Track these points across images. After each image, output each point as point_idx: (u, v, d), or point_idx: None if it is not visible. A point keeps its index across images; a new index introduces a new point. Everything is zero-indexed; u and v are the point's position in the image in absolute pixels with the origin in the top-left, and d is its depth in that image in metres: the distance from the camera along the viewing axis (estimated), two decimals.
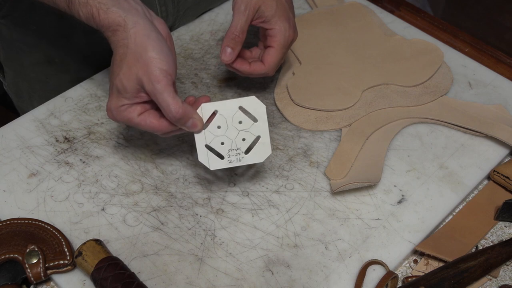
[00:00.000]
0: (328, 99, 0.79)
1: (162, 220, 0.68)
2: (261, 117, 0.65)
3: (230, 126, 0.64)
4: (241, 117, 0.64)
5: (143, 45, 0.60)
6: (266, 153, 0.65)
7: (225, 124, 0.64)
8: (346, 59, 0.85)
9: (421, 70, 0.83)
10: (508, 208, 0.68)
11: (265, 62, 0.73)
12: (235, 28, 0.70)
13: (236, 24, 0.71)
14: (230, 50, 0.71)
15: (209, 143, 0.64)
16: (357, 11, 0.93)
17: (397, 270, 0.66)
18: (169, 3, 0.89)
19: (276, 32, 0.72)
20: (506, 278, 0.65)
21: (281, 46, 0.73)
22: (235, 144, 0.64)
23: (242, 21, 0.70)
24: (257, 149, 0.65)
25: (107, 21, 0.61)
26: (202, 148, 0.64)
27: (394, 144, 0.76)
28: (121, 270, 0.60)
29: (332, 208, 0.69)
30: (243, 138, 0.65)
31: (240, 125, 0.65)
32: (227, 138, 0.64)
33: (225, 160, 0.64)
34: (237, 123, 0.65)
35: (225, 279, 0.63)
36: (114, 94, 0.63)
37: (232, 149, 0.64)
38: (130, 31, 0.60)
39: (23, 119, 0.78)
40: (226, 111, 0.64)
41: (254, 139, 0.65)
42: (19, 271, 0.62)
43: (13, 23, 0.85)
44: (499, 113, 0.79)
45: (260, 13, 0.71)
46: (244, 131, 0.65)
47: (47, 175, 0.72)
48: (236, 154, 0.64)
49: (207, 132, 0.64)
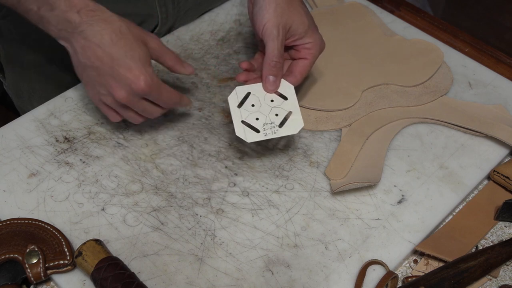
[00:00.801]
0: (328, 99, 0.79)
1: (162, 220, 0.68)
2: (291, 94, 0.70)
3: (263, 104, 0.69)
4: (272, 96, 0.70)
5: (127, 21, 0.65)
6: (299, 126, 0.69)
7: (258, 103, 0.69)
8: (346, 59, 0.85)
9: (421, 70, 0.83)
10: (508, 208, 0.68)
11: (297, 74, 0.71)
12: (273, 55, 0.68)
13: (273, 50, 0.68)
14: (273, 78, 0.69)
15: (244, 119, 0.68)
16: (357, 11, 0.93)
17: (397, 270, 0.66)
18: (169, 4, 0.89)
19: (312, 45, 0.70)
20: (506, 278, 0.65)
21: (315, 58, 0.72)
22: (269, 119, 0.69)
23: (278, 46, 0.68)
24: (289, 123, 0.69)
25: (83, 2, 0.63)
26: (238, 124, 0.68)
27: (394, 144, 0.76)
28: (121, 270, 0.60)
29: (332, 208, 0.69)
30: (276, 114, 0.69)
31: (272, 103, 0.69)
32: (261, 114, 0.69)
33: (261, 133, 0.68)
34: (269, 101, 0.69)
35: (225, 279, 0.63)
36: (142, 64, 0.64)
37: (266, 123, 0.68)
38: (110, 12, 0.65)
39: (23, 119, 0.78)
40: (259, 92, 0.70)
41: (286, 114, 0.69)
42: (19, 271, 0.62)
43: (13, 23, 0.85)
44: (499, 113, 0.79)
45: (293, 32, 0.69)
46: (276, 107, 0.69)
47: (47, 175, 0.72)
48: (271, 128, 0.68)
49: (242, 109, 0.69)
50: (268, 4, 0.68)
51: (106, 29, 0.63)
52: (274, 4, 0.68)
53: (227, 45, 0.89)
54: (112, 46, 0.63)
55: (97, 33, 0.63)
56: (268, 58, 0.68)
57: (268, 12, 0.67)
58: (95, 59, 0.64)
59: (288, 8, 0.68)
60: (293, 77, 0.71)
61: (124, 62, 0.63)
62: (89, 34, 0.63)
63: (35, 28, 0.67)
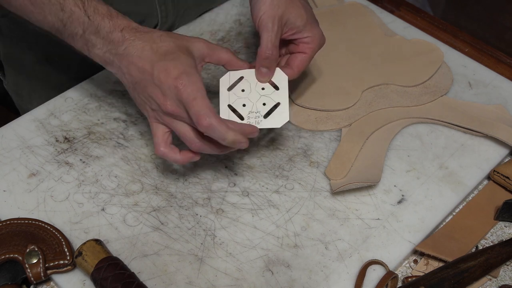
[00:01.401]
0: (328, 99, 0.79)
1: (162, 220, 0.68)
2: (283, 86, 0.68)
3: (253, 90, 0.68)
4: (264, 84, 0.68)
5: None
6: (283, 120, 0.67)
7: (249, 88, 0.68)
8: (346, 59, 0.85)
9: (421, 70, 0.83)
10: (508, 208, 0.68)
11: (294, 68, 0.70)
12: (267, 47, 0.66)
13: (266, 43, 0.66)
14: (265, 70, 0.68)
15: (231, 103, 0.67)
16: (357, 11, 0.93)
17: (397, 270, 0.66)
18: (169, 2, 0.89)
19: (311, 40, 0.69)
20: (506, 278, 0.65)
21: (314, 52, 0.70)
22: (255, 107, 0.67)
23: (273, 38, 0.66)
24: (275, 115, 0.67)
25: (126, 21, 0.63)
26: (224, 107, 0.67)
27: (394, 144, 0.76)
28: (121, 270, 0.60)
29: (332, 208, 0.69)
30: (264, 103, 0.68)
31: (263, 91, 0.68)
32: (249, 101, 0.67)
33: (245, 121, 0.67)
34: (260, 89, 0.68)
35: (225, 279, 0.63)
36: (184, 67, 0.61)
37: (252, 111, 0.67)
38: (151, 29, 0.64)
39: (23, 119, 0.78)
40: (251, 78, 0.68)
41: (273, 105, 0.68)
42: (19, 271, 0.62)
43: (13, 22, 0.85)
44: (499, 113, 0.79)
45: (290, 25, 0.68)
46: (265, 96, 0.68)
47: (47, 175, 0.72)
48: (256, 117, 0.67)
49: (231, 93, 0.68)
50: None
51: (147, 41, 0.62)
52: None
53: (227, 45, 0.89)
54: (151, 54, 0.62)
55: (138, 47, 0.62)
56: (262, 50, 0.67)
57: (265, 4, 0.66)
58: (138, 72, 0.62)
59: (286, 1, 0.67)
60: (290, 70, 0.70)
61: (163, 64, 0.61)
62: (131, 50, 0.62)
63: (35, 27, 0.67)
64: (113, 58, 0.64)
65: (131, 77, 0.63)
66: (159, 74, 0.61)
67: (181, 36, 0.65)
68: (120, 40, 0.62)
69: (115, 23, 0.63)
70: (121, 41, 0.62)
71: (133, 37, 0.63)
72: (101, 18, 0.63)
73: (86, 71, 0.84)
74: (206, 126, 0.59)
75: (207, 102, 0.60)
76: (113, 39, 0.63)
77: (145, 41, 0.62)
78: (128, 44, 0.62)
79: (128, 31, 0.63)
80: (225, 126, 0.60)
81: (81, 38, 0.64)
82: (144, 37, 0.63)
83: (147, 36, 0.63)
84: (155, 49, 0.62)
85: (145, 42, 0.62)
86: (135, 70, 0.62)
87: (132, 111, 0.79)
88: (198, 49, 0.65)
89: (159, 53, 0.62)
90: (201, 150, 0.64)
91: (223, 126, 0.60)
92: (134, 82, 0.63)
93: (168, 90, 0.60)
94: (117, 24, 0.63)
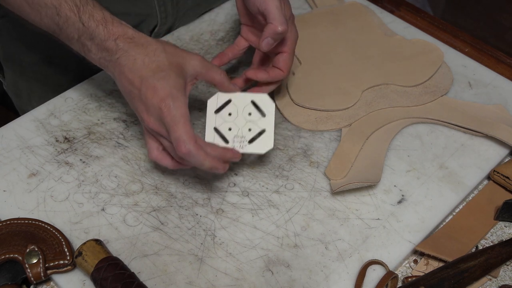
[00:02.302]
0: (328, 99, 0.79)
1: (162, 220, 0.68)
2: (270, 113, 0.69)
3: (239, 115, 0.69)
4: (251, 109, 0.69)
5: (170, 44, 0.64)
6: (268, 146, 0.68)
7: (236, 113, 0.69)
8: (346, 59, 0.85)
9: (421, 70, 0.83)
10: (508, 208, 0.68)
11: (282, 68, 0.71)
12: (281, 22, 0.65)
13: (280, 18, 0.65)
14: (272, 41, 0.67)
15: (217, 126, 0.68)
16: (357, 11, 0.93)
17: (397, 270, 0.66)
18: (168, 3, 0.89)
19: (287, 37, 0.70)
20: (506, 278, 0.65)
21: (293, 49, 0.71)
22: (241, 132, 0.68)
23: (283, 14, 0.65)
24: (260, 141, 0.68)
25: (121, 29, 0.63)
26: (210, 130, 0.68)
27: (394, 144, 0.76)
28: (121, 270, 0.60)
29: (332, 208, 0.69)
30: (249, 129, 0.68)
31: (249, 117, 0.69)
32: (235, 125, 0.68)
33: (229, 144, 0.68)
34: (247, 114, 0.69)
35: (225, 279, 0.63)
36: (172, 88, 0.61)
37: (237, 136, 0.68)
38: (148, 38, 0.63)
39: (23, 119, 0.78)
40: (239, 102, 0.69)
41: (259, 131, 0.68)
42: (19, 271, 0.62)
43: (12, 23, 0.85)
44: (499, 113, 0.79)
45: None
46: (251, 122, 0.68)
47: (47, 175, 0.72)
48: (240, 142, 0.68)
49: (218, 116, 0.68)
50: None
51: (140, 53, 0.62)
52: None
53: (227, 45, 0.89)
54: (143, 68, 0.62)
55: (130, 58, 0.62)
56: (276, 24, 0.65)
57: None
58: (127, 84, 0.62)
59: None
60: (280, 71, 0.71)
61: (151, 82, 0.61)
62: (123, 60, 0.62)
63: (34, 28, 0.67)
64: (107, 64, 0.64)
65: (122, 86, 0.64)
66: (146, 91, 0.61)
67: (177, 52, 0.64)
68: (113, 49, 0.62)
69: (109, 31, 0.62)
70: (114, 50, 0.62)
71: (127, 47, 0.62)
72: (96, 25, 0.62)
73: (85, 72, 0.84)
74: (184, 153, 0.60)
75: (188, 128, 0.60)
76: (107, 47, 0.63)
77: (138, 53, 0.62)
78: (121, 55, 0.62)
79: (123, 40, 0.62)
80: (203, 154, 0.61)
81: (77, 42, 0.64)
82: (138, 49, 0.62)
83: (141, 48, 0.63)
84: (147, 63, 0.62)
85: (138, 54, 0.62)
86: (125, 81, 0.63)
87: (132, 111, 0.79)
88: (193, 67, 0.65)
89: (150, 69, 0.62)
90: (183, 166, 0.66)
91: (201, 154, 0.61)
92: (124, 92, 0.64)
93: (152, 108, 0.61)
94: (111, 32, 0.63)
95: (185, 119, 0.60)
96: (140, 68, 0.62)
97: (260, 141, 0.68)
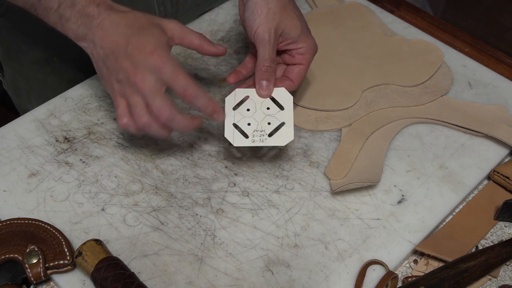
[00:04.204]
0: (328, 99, 0.79)
1: (162, 220, 0.68)
2: (288, 106, 0.69)
3: (258, 110, 0.69)
4: (269, 104, 0.69)
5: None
6: (288, 138, 0.68)
7: (254, 108, 0.69)
8: (346, 59, 0.85)
9: (421, 70, 0.83)
10: (508, 208, 0.68)
11: (294, 79, 0.70)
12: (265, 60, 0.67)
13: (264, 56, 0.67)
14: (266, 82, 0.68)
15: (236, 122, 0.68)
16: (357, 11, 0.93)
17: (397, 270, 0.66)
18: (168, 3, 0.89)
19: (305, 50, 0.69)
20: (506, 278, 0.65)
21: (310, 62, 0.71)
22: (260, 126, 0.68)
23: (270, 51, 0.67)
24: (280, 133, 0.68)
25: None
26: (229, 125, 0.68)
27: (394, 144, 0.76)
28: (121, 270, 0.60)
29: (332, 208, 0.69)
30: (269, 122, 0.68)
31: (268, 111, 0.69)
32: (254, 120, 0.68)
33: (249, 139, 0.68)
34: (265, 108, 0.69)
35: (225, 279, 0.63)
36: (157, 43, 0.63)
37: (257, 130, 0.68)
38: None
39: (23, 119, 0.78)
40: (257, 97, 0.69)
41: (278, 124, 0.68)
42: (19, 271, 0.62)
43: (11, 22, 0.85)
44: (499, 113, 0.79)
45: (285, 36, 0.68)
46: (270, 116, 0.69)
47: (47, 175, 0.72)
48: (260, 135, 0.68)
49: (236, 112, 0.69)
50: (260, 8, 0.67)
51: (122, 17, 0.64)
52: (266, 9, 0.67)
53: (227, 45, 0.89)
54: (127, 28, 0.63)
55: (113, 21, 0.64)
56: (260, 63, 0.67)
57: (260, 17, 0.67)
58: (111, 44, 0.63)
59: (280, 12, 0.67)
60: (291, 83, 0.71)
61: (137, 38, 0.62)
62: (106, 23, 0.64)
63: (33, 27, 0.67)
64: (86, 32, 0.65)
65: (103, 50, 0.64)
66: (133, 48, 0.62)
67: (154, 17, 0.66)
68: (95, 15, 0.64)
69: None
70: (96, 15, 0.64)
71: (108, 12, 0.64)
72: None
73: (85, 71, 0.84)
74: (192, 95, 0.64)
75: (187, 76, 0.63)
76: (88, 13, 0.64)
77: (120, 18, 0.64)
78: (103, 18, 0.64)
79: (104, 7, 0.64)
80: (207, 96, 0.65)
81: (55, 13, 0.65)
82: (119, 14, 0.64)
83: (122, 13, 0.64)
84: (130, 25, 0.64)
85: (120, 18, 0.64)
86: (108, 42, 0.63)
87: None
88: (171, 30, 0.66)
89: (134, 28, 0.63)
90: (145, 127, 0.65)
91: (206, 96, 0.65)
92: (105, 55, 0.64)
93: (142, 63, 0.62)
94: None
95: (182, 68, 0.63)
96: (124, 29, 0.63)
97: (280, 134, 0.68)
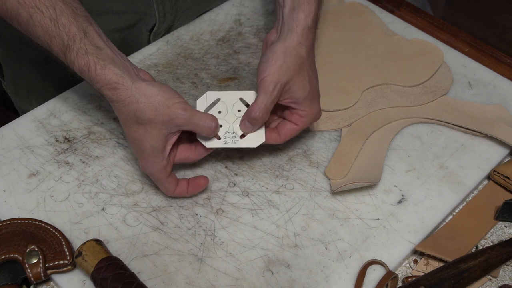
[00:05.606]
0: (328, 99, 0.79)
1: (162, 220, 0.68)
2: None
3: (229, 112, 0.69)
4: (240, 106, 0.70)
5: (154, 93, 0.62)
6: (259, 140, 0.68)
7: (225, 110, 0.69)
8: (346, 59, 0.85)
9: (421, 70, 0.83)
10: (508, 208, 0.68)
11: (281, 135, 0.69)
12: (260, 108, 0.65)
13: (260, 104, 0.65)
14: (250, 126, 0.67)
15: None
16: (357, 11, 0.93)
17: (397, 270, 0.66)
18: (167, 2, 0.88)
19: (305, 114, 0.68)
20: (506, 278, 0.65)
21: (305, 126, 0.69)
22: (232, 128, 0.68)
23: (268, 102, 0.65)
24: (251, 135, 0.68)
25: (104, 77, 0.61)
26: None
27: (394, 144, 0.76)
28: (121, 270, 0.60)
29: (332, 208, 0.69)
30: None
31: (239, 113, 0.69)
32: (225, 122, 0.69)
33: (221, 140, 0.68)
34: (237, 110, 0.69)
35: (225, 279, 0.63)
36: (149, 157, 0.64)
37: (228, 132, 0.68)
38: (132, 87, 0.62)
39: (23, 119, 0.78)
40: (228, 100, 0.70)
41: None
42: (19, 271, 0.62)
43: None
44: (499, 113, 0.79)
45: (291, 93, 0.66)
46: (241, 118, 0.69)
47: (47, 175, 0.72)
48: (232, 137, 0.68)
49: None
50: (276, 59, 0.65)
51: (122, 112, 0.63)
52: (281, 61, 0.65)
53: (227, 45, 0.89)
54: (125, 127, 0.65)
55: (116, 109, 0.64)
56: (253, 108, 0.65)
57: (273, 67, 0.65)
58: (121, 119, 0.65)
59: (295, 69, 0.65)
60: (276, 136, 0.69)
61: (134, 139, 0.64)
62: (113, 106, 0.64)
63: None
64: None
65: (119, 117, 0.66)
66: (131, 141, 0.65)
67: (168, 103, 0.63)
68: (101, 94, 0.64)
69: (92, 79, 0.62)
70: (103, 95, 0.64)
71: (110, 97, 0.63)
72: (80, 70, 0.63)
73: None
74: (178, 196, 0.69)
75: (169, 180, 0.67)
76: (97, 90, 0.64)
77: (120, 112, 0.64)
78: (109, 101, 0.64)
79: (106, 89, 0.62)
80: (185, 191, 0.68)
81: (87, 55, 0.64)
82: (119, 105, 0.63)
83: (122, 104, 0.63)
84: (128, 125, 0.64)
85: (120, 112, 0.64)
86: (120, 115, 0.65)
87: None
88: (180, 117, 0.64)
89: (131, 131, 0.64)
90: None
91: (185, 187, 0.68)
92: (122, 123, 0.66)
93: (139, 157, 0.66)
94: (95, 80, 0.62)
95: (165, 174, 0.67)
96: (124, 125, 0.65)
97: (252, 136, 0.68)
